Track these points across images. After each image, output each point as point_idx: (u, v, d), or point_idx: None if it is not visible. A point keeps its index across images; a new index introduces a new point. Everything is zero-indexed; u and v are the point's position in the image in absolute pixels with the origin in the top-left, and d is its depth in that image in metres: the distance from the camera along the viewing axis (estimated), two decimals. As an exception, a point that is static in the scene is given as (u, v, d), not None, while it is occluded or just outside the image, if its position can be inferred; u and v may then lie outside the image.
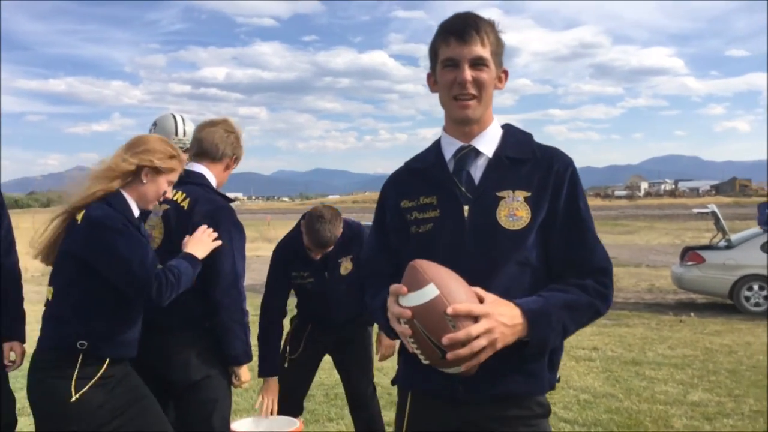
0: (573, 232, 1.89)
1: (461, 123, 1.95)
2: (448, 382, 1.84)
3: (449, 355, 1.64)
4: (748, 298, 11.70)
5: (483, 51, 1.86)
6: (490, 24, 1.91)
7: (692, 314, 11.28)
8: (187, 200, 2.90)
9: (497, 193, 1.89)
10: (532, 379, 1.87)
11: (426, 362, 1.74)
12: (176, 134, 3.56)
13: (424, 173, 2.02)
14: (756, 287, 11.69)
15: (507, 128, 2.04)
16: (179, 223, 2.86)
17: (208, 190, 3.01)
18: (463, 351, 1.63)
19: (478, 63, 1.87)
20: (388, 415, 4.18)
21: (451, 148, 1.99)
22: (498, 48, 1.92)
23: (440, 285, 1.68)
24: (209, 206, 2.92)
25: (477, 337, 1.63)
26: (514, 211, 1.86)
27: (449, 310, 1.63)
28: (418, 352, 1.73)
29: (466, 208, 1.89)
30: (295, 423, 3.53)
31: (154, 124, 3.65)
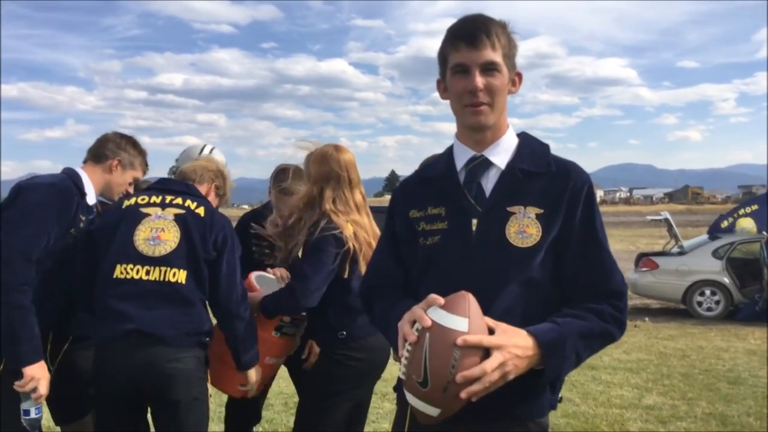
0: (590, 253, 1.82)
1: (474, 130, 1.87)
2: None
3: (463, 393, 1.57)
4: (700, 303, 11.97)
5: (494, 55, 1.78)
6: (501, 26, 1.82)
7: (647, 319, 11.49)
8: (202, 208, 2.89)
9: (508, 208, 1.81)
10: (533, 401, 1.81)
11: (402, 377, 1.67)
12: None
13: (434, 182, 1.94)
14: (708, 292, 11.96)
15: (523, 137, 1.95)
16: (198, 229, 2.83)
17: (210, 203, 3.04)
18: (477, 387, 1.57)
19: (489, 68, 1.78)
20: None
21: (463, 157, 1.91)
22: (510, 50, 1.84)
23: (472, 327, 1.60)
24: (223, 219, 2.95)
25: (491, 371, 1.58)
26: (525, 228, 1.78)
27: (459, 341, 1.56)
28: (404, 363, 1.65)
29: (474, 221, 1.82)
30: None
31: (183, 152, 3.78)
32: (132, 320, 2.64)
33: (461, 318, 1.60)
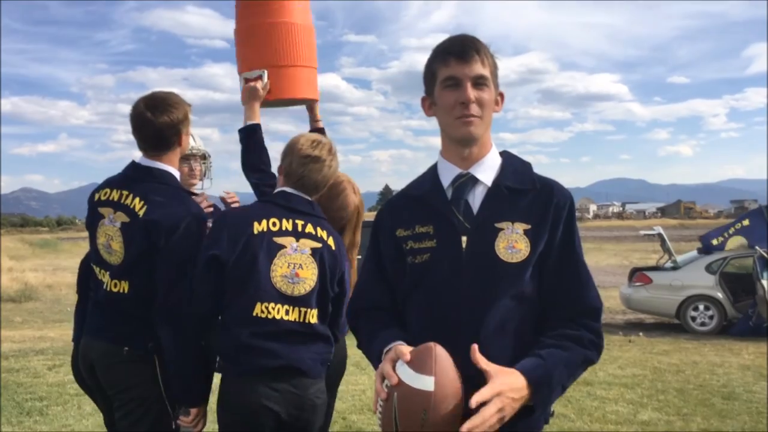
0: (568, 269, 1.85)
1: (463, 143, 1.88)
2: None
3: None
4: (694, 318, 12.00)
5: (484, 70, 1.83)
6: (486, 46, 1.88)
7: (641, 334, 11.50)
8: (332, 239, 2.75)
9: (496, 225, 1.83)
10: (527, 416, 1.78)
11: (379, 428, 1.70)
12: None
13: (420, 200, 1.95)
14: (701, 307, 11.99)
15: (506, 156, 1.98)
16: (330, 265, 2.73)
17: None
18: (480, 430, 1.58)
19: (479, 82, 1.83)
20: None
21: (448, 174, 1.93)
22: (495, 70, 1.89)
23: (439, 384, 1.61)
24: (344, 249, 2.85)
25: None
26: (513, 243, 1.81)
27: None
28: (378, 416, 1.68)
29: (464, 238, 1.83)
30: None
31: None
32: (280, 357, 2.60)
33: (427, 377, 1.61)
